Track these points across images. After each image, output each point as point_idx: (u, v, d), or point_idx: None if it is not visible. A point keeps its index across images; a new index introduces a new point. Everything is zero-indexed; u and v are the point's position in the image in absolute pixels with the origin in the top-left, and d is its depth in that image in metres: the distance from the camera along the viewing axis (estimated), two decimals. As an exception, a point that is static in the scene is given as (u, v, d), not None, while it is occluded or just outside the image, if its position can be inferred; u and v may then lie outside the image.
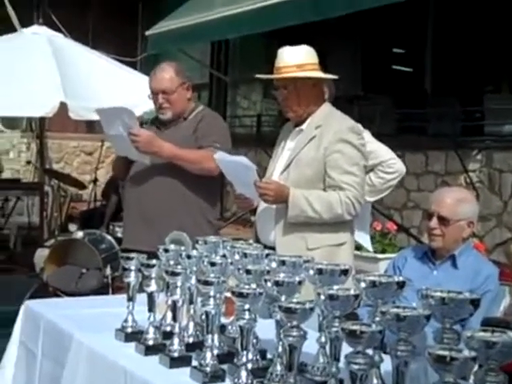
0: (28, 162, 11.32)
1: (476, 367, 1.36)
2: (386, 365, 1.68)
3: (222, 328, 2.33)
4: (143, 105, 6.72)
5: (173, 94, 3.95)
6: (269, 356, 2.12)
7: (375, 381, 1.76)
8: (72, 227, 10.14)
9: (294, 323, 1.70)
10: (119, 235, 7.71)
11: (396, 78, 10.19)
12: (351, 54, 9.85)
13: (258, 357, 2.07)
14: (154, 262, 2.37)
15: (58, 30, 10.07)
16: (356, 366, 1.52)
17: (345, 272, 1.96)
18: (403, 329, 1.54)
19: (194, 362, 2.10)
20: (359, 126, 3.53)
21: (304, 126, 3.43)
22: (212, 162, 3.65)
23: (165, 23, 9.55)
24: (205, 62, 11.53)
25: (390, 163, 3.92)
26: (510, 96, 8.53)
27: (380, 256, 5.23)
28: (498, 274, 2.95)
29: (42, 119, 9.68)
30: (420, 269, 3.28)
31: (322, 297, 1.76)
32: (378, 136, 4.09)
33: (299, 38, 6.48)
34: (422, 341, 1.55)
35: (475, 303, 1.57)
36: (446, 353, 1.29)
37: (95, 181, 9.69)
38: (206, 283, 2.03)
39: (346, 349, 1.65)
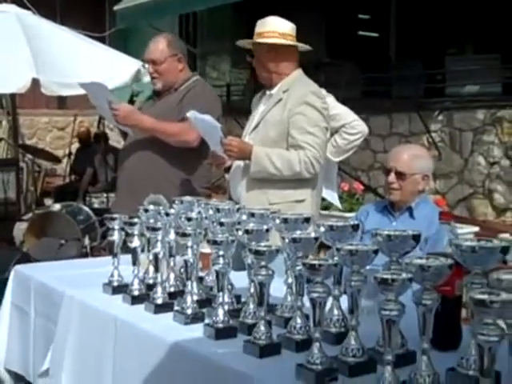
0: (0, 139, 11.41)
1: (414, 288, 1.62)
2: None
3: (200, 279, 2.58)
4: (114, 79, 6.92)
5: (161, 64, 4.08)
6: (243, 300, 2.37)
7: (335, 311, 2.03)
8: (47, 201, 10.31)
9: (263, 263, 1.94)
10: (96, 206, 7.93)
11: (360, 43, 10.41)
12: (316, 21, 10.04)
13: (234, 300, 2.32)
14: (135, 220, 2.60)
15: (25, 7, 10.13)
16: (315, 294, 1.72)
17: (307, 220, 2.21)
18: (356, 262, 1.79)
19: (176, 307, 2.34)
20: (323, 90, 3.76)
21: (274, 91, 3.68)
22: (190, 135, 3.84)
23: (132, -3, 9.67)
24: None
25: (353, 125, 4.15)
26: (471, 57, 8.78)
27: (347, 215, 5.49)
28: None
29: (13, 96, 9.77)
30: (380, 221, 3.54)
31: (287, 240, 1.98)
32: (344, 100, 4.31)
33: (265, 8, 6.67)
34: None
35: (416, 239, 1.84)
36: (388, 276, 1.55)
37: (69, 155, 9.84)
38: (184, 235, 2.26)
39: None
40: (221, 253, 2.10)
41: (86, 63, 6.87)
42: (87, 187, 9.65)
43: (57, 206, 7.71)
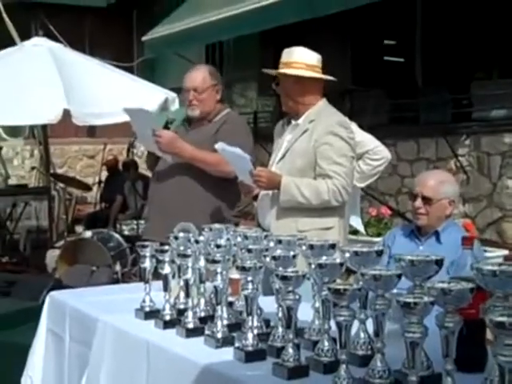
0: (33, 168, 11.62)
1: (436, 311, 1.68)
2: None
3: (230, 304, 2.64)
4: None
5: (203, 92, 4.17)
6: (272, 324, 2.43)
7: (362, 334, 2.08)
8: (79, 229, 10.46)
9: (290, 288, 2.00)
10: (126, 233, 8.04)
11: (386, 70, 10.47)
12: (341, 48, 10.14)
13: (263, 324, 2.38)
14: (166, 247, 2.67)
15: (55, 39, 10.37)
16: (341, 318, 1.79)
17: (332, 246, 2.28)
18: (380, 286, 1.84)
19: (207, 331, 2.41)
20: (347, 120, 3.83)
21: (300, 121, 3.76)
22: (228, 166, 3.91)
23: (160, 28, 9.87)
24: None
25: (376, 151, 4.27)
26: (497, 81, 8.80)
27: (375, 239, 5.54)
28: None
29: (44, 125, 9.98)
30: (407, 245, 3.60)
31: (313, 266, 2.06)
32: (371, 127, 4.41)
33: (290, 36, 6.74)
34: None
35: (439, 263, 1.89)
36: (410, 300, 1.61)
37: (99, 183, 9.99)
38: (214, 261, 2.34)
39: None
40: (249, 278, 2.17)
41: (114, 93, 7.01)
42: (117, 214, 9.78)
43: (88, 234, 7.84)
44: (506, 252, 5.59)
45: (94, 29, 12.74)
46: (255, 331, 2.25)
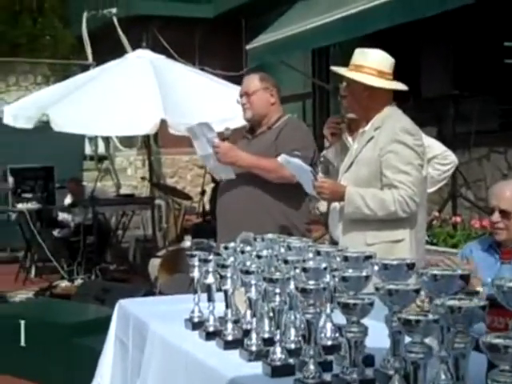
0: (142, 178, 11.93)
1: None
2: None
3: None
4: (238, 118, 7.09)
5: (253, 94, 4.24)
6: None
7: (443, 376, 1.65)
8: (187, 238, 10.63)
9: (311, 302, 1.90)
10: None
11: (495, 74, 10.04)
12: (444, 52, 9.82)
13: (300, 338, 2.28)
14: (210, 257, 2.64)
15: (166, 51, 10.64)
16: (413, 355, 1.52)
17: (411, 266, 1.92)
18: (459, 320, 1.52)
19: (245, 344, 2.32)
20: (415, 126, 3.66)
21: (367, 128, 3.65)
22: (287, 170, 3.88)
23: (264, 36, 9.88)
24: (307, 72, 11.77)
25: (444, 155, 4.20)
26: None
27: (452, 250, 5.30)
28: None
29: (155, 136, 10.27)
30: (486, 260, 3.39)
31: (381, 292, 1.73)
32: (478, 133, 4.26)
33: (392, 40, 6.58)
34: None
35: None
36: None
37: (203, 193, 10.09)
38: (247, 272, 2.27)
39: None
40: (277, 290, 2.09)
41: (212, 103, 7.11)
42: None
43: (187, 243, 7.95)
44: None
45: (203, 39, 12.93)
46: (291, 345, 2.18)
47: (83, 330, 5.37)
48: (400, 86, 3.63)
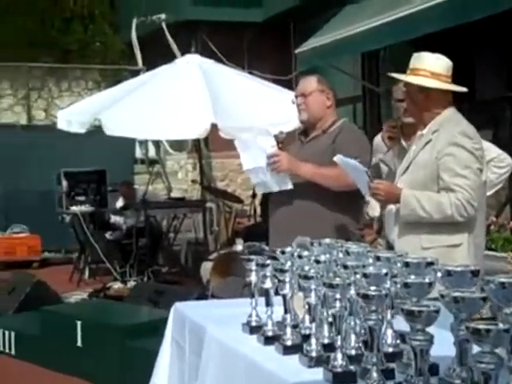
0: (193, 181, 12.00)
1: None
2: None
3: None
4: (292, 122, 7.09)
5: (309, 96, 4.22)
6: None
7: None
8: (238, 242, 10.66)
9: (373, 308, 1.89)
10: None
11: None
12: (498, 55, 9.68)
13: (361, 345, 2.26)
14: (268, 262, 2.64)
15: (215, 55, 10.69)
16: (483, 365, 1.47)
17: (475, 273, 1.87)
18: None
19: (304, 350, 2.32)
20: (473, 129, 3.62)
21: (424, 131, 3.62)
22: (349, 178, 3.80)
23: (313, 40, 9.86)
24: (356, 75, 11.71)
25: (501, 158, 4.24)
26: None
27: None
28: None
29: (205, 140, 10.33)
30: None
31: (447, 299, 1.69)
32: None
33: (445, 42, 6.52)
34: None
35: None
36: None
37: (254, 196, 10.09)
38: (306, 277, 2.26)
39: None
40: (337, 296, 2.08)
41: (262, 107, 7.12)
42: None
43: (239, 247, 7.97)
44: None
45: (252, 43, 12.95)
46: (351, 352, 2.16)
47: (137, 331, 5.44)
48: (456, 88, 3.60)
